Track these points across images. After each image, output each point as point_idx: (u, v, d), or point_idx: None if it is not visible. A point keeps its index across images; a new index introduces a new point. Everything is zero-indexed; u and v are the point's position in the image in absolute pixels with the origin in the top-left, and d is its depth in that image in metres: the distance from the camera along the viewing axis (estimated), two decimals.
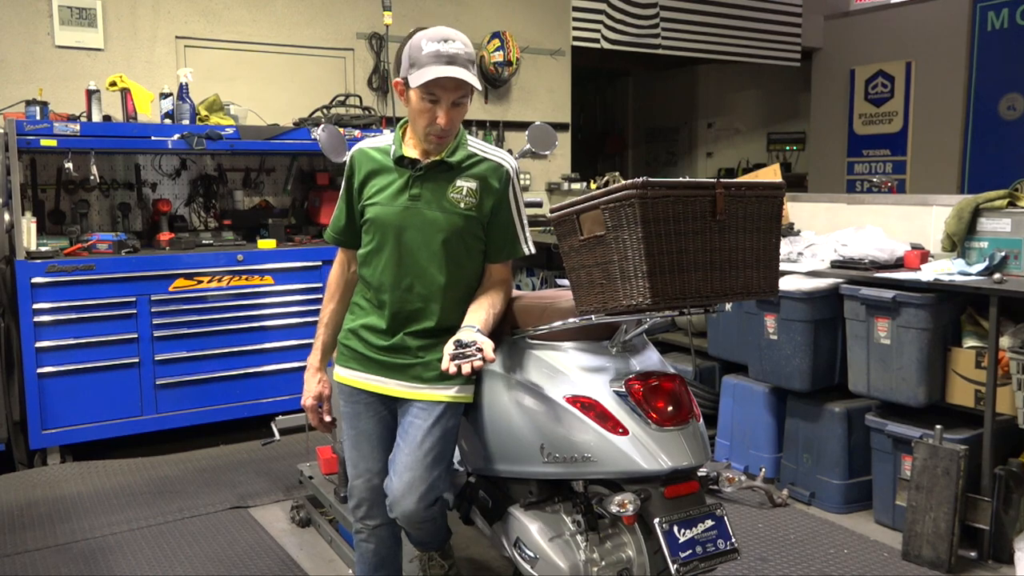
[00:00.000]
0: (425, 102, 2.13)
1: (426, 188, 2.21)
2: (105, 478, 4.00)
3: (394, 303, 2.24)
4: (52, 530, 3.42)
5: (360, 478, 2.33)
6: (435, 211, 2.21)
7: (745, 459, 3.89)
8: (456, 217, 2.21)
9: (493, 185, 2.25)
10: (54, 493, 3.80)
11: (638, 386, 2.01)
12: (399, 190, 2.22)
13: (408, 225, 2.21)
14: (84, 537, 3.36)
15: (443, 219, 2.21)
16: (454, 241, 2.22)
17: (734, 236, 1.90)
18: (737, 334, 3.93)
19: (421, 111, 2.14)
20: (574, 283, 2.02)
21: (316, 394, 2.39)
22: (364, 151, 2.28)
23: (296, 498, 3.58)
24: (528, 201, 2.43)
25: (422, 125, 2.16)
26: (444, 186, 2.22)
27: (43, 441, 4.08)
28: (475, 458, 2.43)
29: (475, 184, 2.23)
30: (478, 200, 2.23)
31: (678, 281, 1.82)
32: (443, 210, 2.21)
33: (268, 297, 4.51)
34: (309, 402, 2.39)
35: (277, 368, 4.52)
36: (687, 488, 2.02)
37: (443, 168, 2.22)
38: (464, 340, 2.00)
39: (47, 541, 3.32)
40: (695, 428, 2.05)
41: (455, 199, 2.22)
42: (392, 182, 2.23)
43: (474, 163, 2.25)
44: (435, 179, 2.22)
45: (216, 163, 5.01)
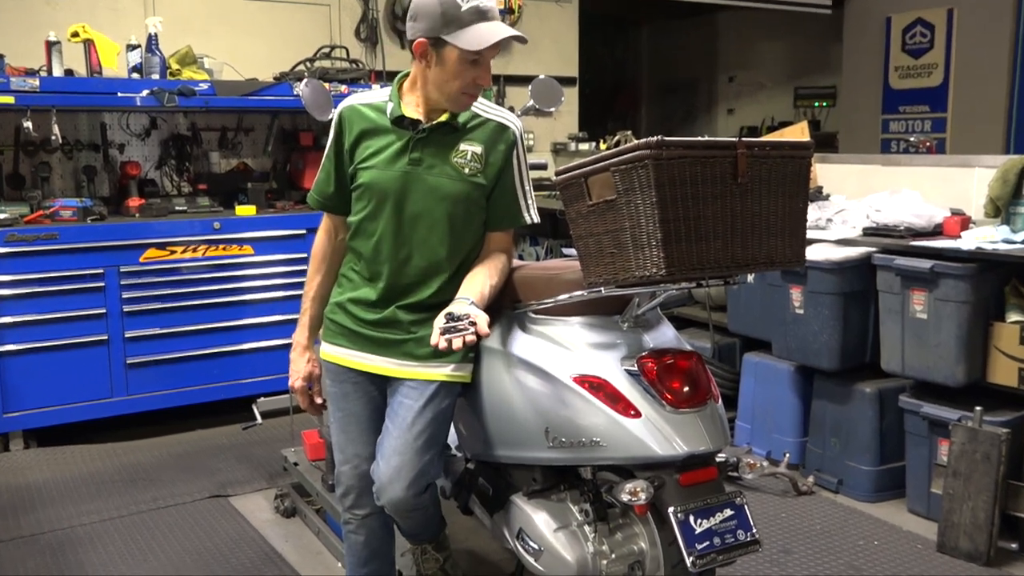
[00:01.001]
0: (466, 64, 2.11)
1: (427, 152, 2.21)
2: (72, 465, 4.03)
3: (389, 276, 2.25)
4: (16, 521, 3.44)
5: (347, 464, 2.34)
6: (437, 177, 2.20)
7: (768, 443, 3.90)
8: (460, 183, 2.21)
9: (499, 148, 2.25)
10: (17, 481, 3.83)
11: (651, 364, 2.02)
12: (397, 153, 2.21)
13: (408, 192, 2.21)
14: (50, 528, 3.38)
15: (446, 185, 2.20)
16: (458, 209, 2.22)
17: (757, 201, 1.89)
18: (760, 308, 3.93)
19: (458, 73, 2.12)
20: (582, 252, 2.01)
21: (306, 374, 2.39)
22: (355, 108, 2.26)
23: (280, 486, 3.60)
24: (532, 163, 2.42)
25: (456, 87, 2.14)
26: (446, 150, 2.21)
27: (4, 425, 4.11)
28: (474, 443, 2.44)
29: (480, 148, 2.23)
30: (483, 165, 2.23)
31: (695, 250, 1.82)
32: (446, 176, 2.20)
33: (248, 269, 4.51)
34: (298, 383, 2.39)
35: (258, 346, 4.54)
36: (704, 475, 2.03)
37: (446, 130, 2.21)
38: (456, 313, 2.00)
39: (10, 533, 3.35)
40: (713, 410, 2.05)
41: (459, 164, 2.21)
42: (389, 144, 2.22)
43: (477, 124, 2.25)
44: (437, 142, 2.21)
45: (189, 122, 4.99)
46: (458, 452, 2.60)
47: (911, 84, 8.09)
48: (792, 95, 9.78)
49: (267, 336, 4.55)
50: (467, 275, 2.24)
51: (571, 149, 6.53)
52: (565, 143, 6.60)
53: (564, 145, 6.60)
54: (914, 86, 8.07)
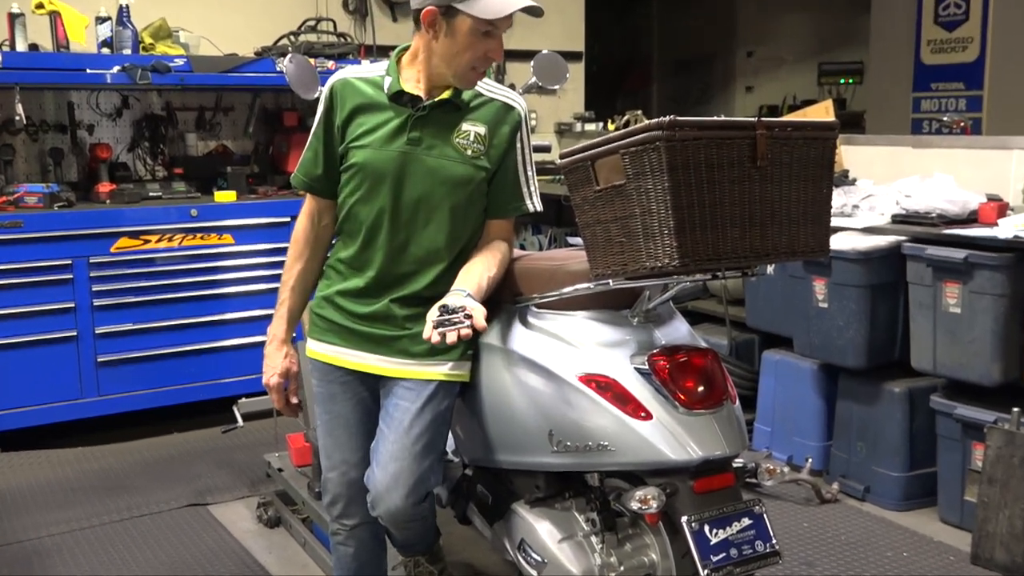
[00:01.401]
0: (479, 35, 2.10)
1: (427, 131, 2.20)
2: (39, 471, 4.03)
3: (383, 265, 2.25)
4: None
5: (335, 470, 2.35)
6: (438, 158, 2.20)
7: (789, 448, 3.91)
8: (462, 166, 2.21)
9: (502, 130, 2.25)
10: None
11: (663, 362, 2.02)
12: (394, 132, 2.20)
13: (405, 174, 2.20)
14: (17, 539, 3.39)
15: (447, 167, 2.20)
16: (459, 194, 2.22)
17: (778, 186, 1.89)
18: (780, 301, 3.93)
19: (469, 45, 2.11)
20: (588, 241, 2.01)
21: (282, 370, 2.39)
22: (348, 82, 2.25)
23: (263, 494, 3.61)
24: (534, 145, 2.42)
25: (466, 60, 2.13)
26: (448, 129, 2.21)
27: None
28: (472, 447, 2.44)
29: (483, 128, 2.23)
30: (486, 147, 2.23)
31: (711, 239, 1.82)
32: (447, 157, 2.21)
33: (228, 259, 4.51)
34: (273, 380, 2.39)
35: (239, 342, 4.55)
36: (720, 481, 2.03)
37: (448, 108, 2.21)
38: (451, 305, 2.00)
39: None
40: (730, 412, 2.05)
41: (461, 145, 2.21)
42: (386, 122, 2.21)
43: (481, 104, 2.25)
44: (437, 121, 2.21)
45: (164, 101, 4.98)
46: (455, 457, 2.60)
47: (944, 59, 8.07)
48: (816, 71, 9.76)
49: (249, 332, 4.55)
50: (464, 266, 2.24)
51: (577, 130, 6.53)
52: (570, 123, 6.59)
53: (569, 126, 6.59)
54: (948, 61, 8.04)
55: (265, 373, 2.40)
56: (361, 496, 2.30)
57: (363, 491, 2.29)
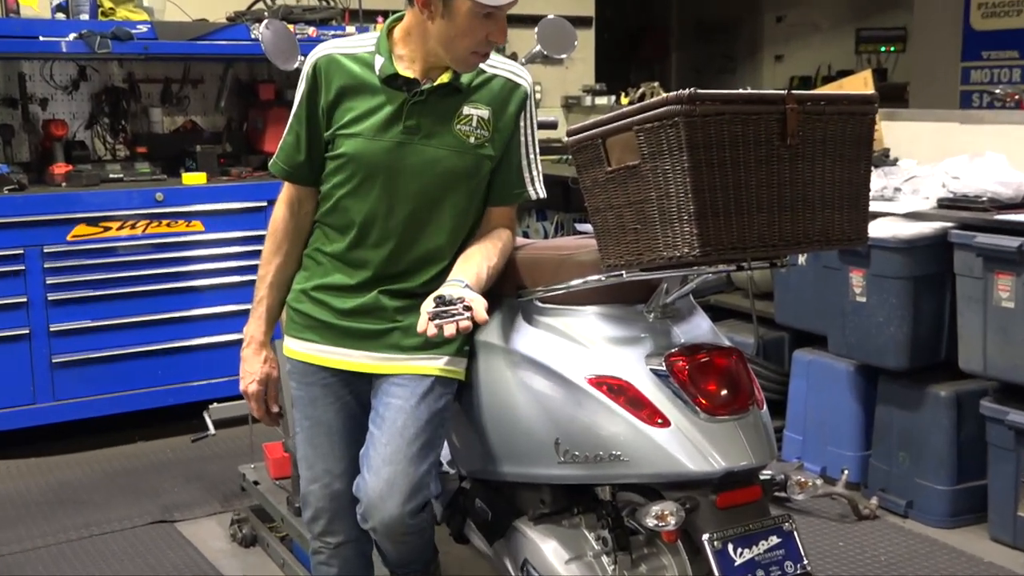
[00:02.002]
0: (478, 17, 2.10)
1: (425, 118, 2.20)
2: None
3: (375, 267, 2.26)
4: None
5: (316, 482, 2.35)
6: (438, 148, 2.21)
7: (822, 458, 3.92)
8: (465, 156, 2.22)
9: (508, 111, 2.26)
10: None
11: (682, 363, 2.03)
12: (389, 119, 2.20)
13: (401, 166, 2.21)
14: None
15: (449, 158, 2.21)
16: (462, 187, 2.23)
17: (810, 166, 1.89)
18: (813, 295, 3.93)
19: (469, 29, 2.11)
20: (599, 228, 2.02)
21: (261, 376, 2.40)
22: (334, 59, 2.24)
23: (237, 509, 3.62)
24: (539, 121, 2.43)
25: (465, 45, 2.13)
26: (448, 115, 2.22)
27: None
28: (469, 457, 2.45)
29: (486, 111, 2.23)
30: (491, 132, 2.24)
31: (736, 225, 1.82)
32: (448, 147, 2.21)
33: (197, 248, 4.52)
34: (252, 387, 2.40)
35: (210, 341, 4.56)
36: (746, 496, 2.04)
37: (447, 91, 2.21)
38: (448, 296, 2.01)
39: None
40: (756, 418, 2.06)
41: (463, 132, 2.22)
42: (378, 107, 2.21)
43: (483, 82, 2.25)
44: (436, 106, 2.21)
45: (126, 72, 4.99)
46: (450, 468, 2.61)
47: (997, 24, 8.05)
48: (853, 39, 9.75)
49: (221, 330, 4.56)
50: (461, 255, 2.24)
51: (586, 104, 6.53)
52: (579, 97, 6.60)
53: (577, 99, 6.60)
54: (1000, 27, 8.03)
55: (242, 379, 2.40)
56: (346, 510, 2.31)
57: (348, 505, 2.30)
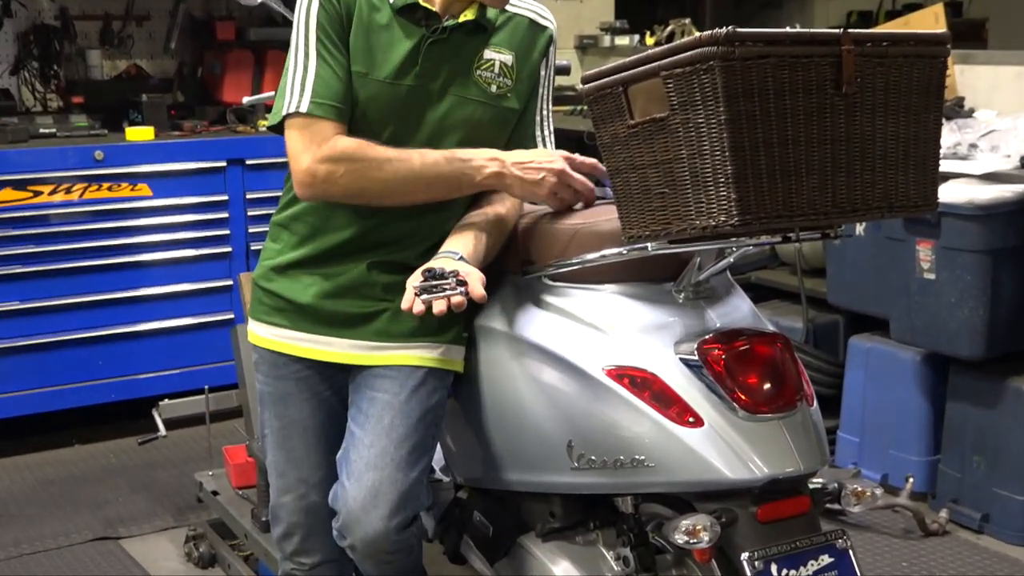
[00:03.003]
0: None
1: (444, 61, 2.21)
2: None
3: (364, 228, 2.26)
4: None
5: (289, 493, 2.37)
6: (456, 96, 2.22)
7: (882, 463, 3.93)
8: (486, 107, 2.24)
9: (532, 57, 2.28)
10: None
11: (718, 351, 2.03)
12: (404, 61, 2.19)
13: (412, 118, 2.22)
14: None
15: (467, 111, 2.23)
16: (473, 145, 2.23)
17: (870, 119, 1.88)
18: (872, 272, 3.94)
19: None
20: (619, 193, 2.02)
21: None
22: None
23: (193, 524, 3.64)
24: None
25: None
26: (469, 59, 2.23)
27: None
28: (467, 463, 2.46)
29: (510, 57, 2.25)
30: (513, 80, 2.26)
31: (781, 189, 1.82)
32: (467, 96, 2.23)
33: (144, 217, 4.53)
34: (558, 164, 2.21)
35: (160, 327, 4.57)
36: (792, 507, 2.05)
37: (469, 30, 2.22)
38: (438, 269, 2.01)
39: None
40: (805, 416, 2.07)
41: (484, 79, 2.23)
42: (390, 45, 2.19)
43: (505, 23, 2.27)
44: (456, 48, 2.22)
45: (58, 7, 4.97)
46: (444, 476, 2.62)
47: None
48: None
49: (173, 312, 4.57)
50: (457, 223, 2.26)
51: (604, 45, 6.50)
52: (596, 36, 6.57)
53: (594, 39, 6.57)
54: None
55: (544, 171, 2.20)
56: (324, 526, 2.33)
57: (327, 519, 2.31)
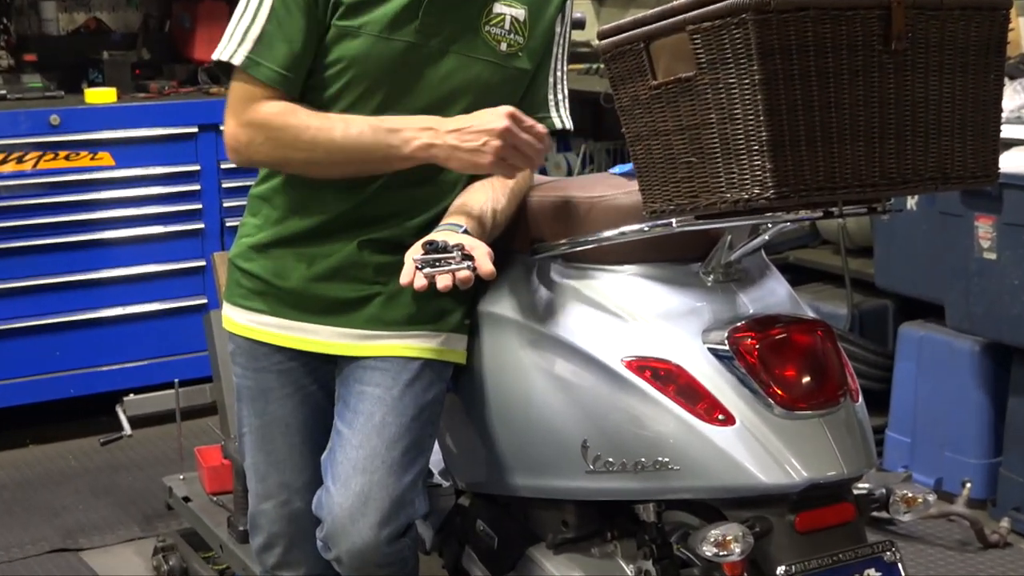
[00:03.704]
0: None
1: (447, 14, 2.22)
2: None
3: (357, 204, 2.27)
4: None
5: (270, 500, 2.38)
6: (460, 55, 2.23)
7: (937, 467, 3.93)
8: (494, 67, 2.25)
9: (546, 13, 2.29)
10: None
11: (752, 341, 2.03)
12: (400, 14, 2.20)
13: (412, 78, 2.22)
14: None
15: (473, 70, 2.23)
16: (486, 107, 2.22)
17: (922, 79, 1.88)
18: (926, 251, 3.93)
19: None
20: (640, 162, 2.02)
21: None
22: None
23: (162, 535, 3.65)
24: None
25: None
26: (474, 14, 2.23)
27: None
28: (469, 466, 2.47)
29: (522, 11, 2.26)
30: (525, 38, 2.26)
31: (823, 158, 1.82)
32: (474, 55, 2.23)
33: (106, 189, 4.53)
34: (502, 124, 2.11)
35: (124, 313, 4.58)
36: (834, 515, 2.05)
37: None
38: (441, 242, 2.01)
39: None
40: (849, 414, 2.07)
41: (492, 36, 2.24)
42: None
43: None
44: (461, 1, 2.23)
45: None
46: (443, 480, 2.63)
47: None
48: None
49: (138, 297, 4.58)
50: (462, 194, 2.26)
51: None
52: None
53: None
54: None
55: (483, 140, 2.12)
56: (307, 536, 2.34)
57: (310, 528, 2.32)
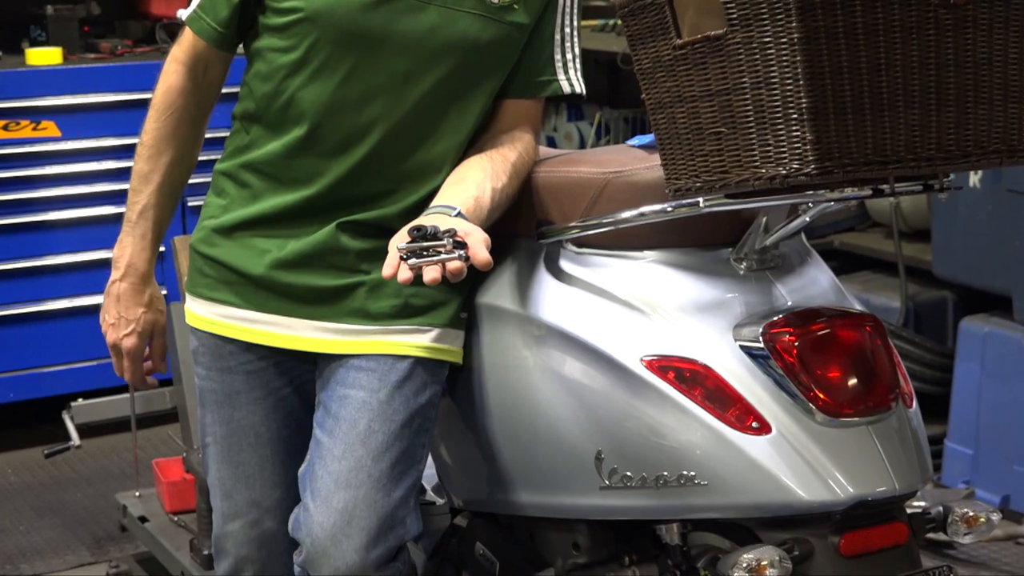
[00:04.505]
0: None
1: None
2: None
3: (334, 181, 2.28)
4: None
5: (238, 519, 2.39)
6: (445, 8, 2.23)
7: (1003, 482, 3.93)
8: (485, 23, 2.24)
9: None
10: None
11: (790, 337, 2.04)
12: None
13: (387, 36, 2.22)
14: None
15: (460, 27, 2.23)
16: (476, 70, 2.25)
17: (986, 37, 1.88)
18: (990, 235, 3.93)
19: None
20: (663, 133, 2.03)
21: (144, 325, 2.45)
22: None
23: (114, 560, 3.65)
24: None
25: None
26: None
27: None
28: (467, 481, 2.48)
29: None
30: None
31: (871, 128, 1.82)
32: (460, 8, 2.23)
33: (50, 164, 4.56)
34: (129, 342, 2.44)
35: (71, 305, 4.60)
36: (884, 537, 2.05)
37: None
38: (430, 228, 2.01)
39: None
40: (902, 421, 2.08)
41: None
42: None
43: None
44: None
45: None
46: (438, 497, 2.64)
47: None
48: None
49: (87, 287, 4.57)
50: (457, 168, 2.26)
51: None
52: None
53: None
54: None
55: (112, 328, 2.45)
56: (281, 561, 2.35)
57: (285, 552, 2.34)
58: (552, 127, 6.06)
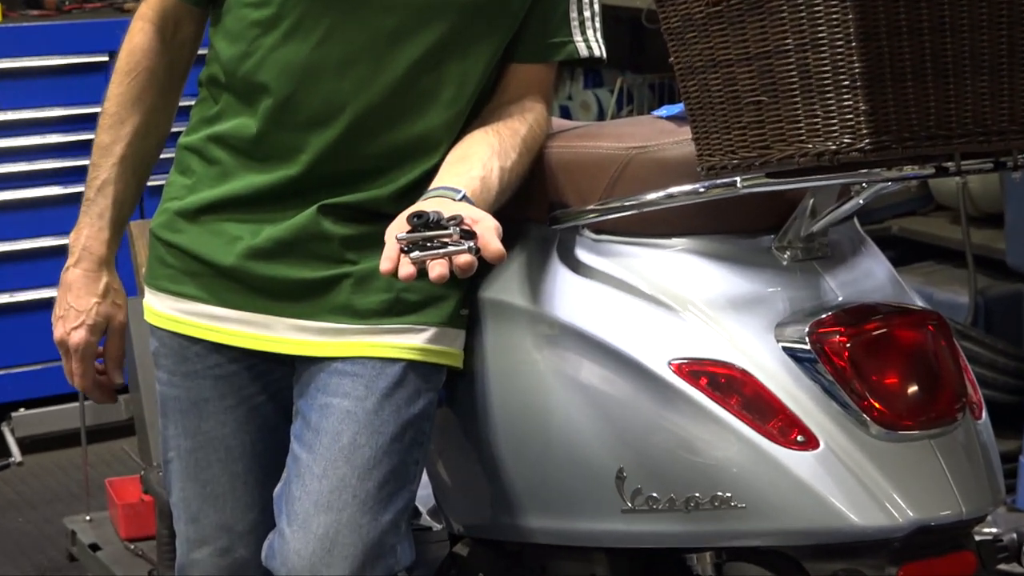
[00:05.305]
0: None
1: None
2: None
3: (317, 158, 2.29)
4: None
5: (205, 546, 2.41)
6: None
7: None
8: None
9: None
10: None
11: (841, 338, 2.04)
12: None
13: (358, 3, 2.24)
14: None
15: None
16: (470, 32, 2.26)
17: None
18: None
19: None
20: (695, 103, 2.04)
21: (95, 318, 2.45)
22: None
23: None
24: None
25: None
26: None
27: None
28: (467, 503, 2.50)
29: None
30: None
31: (934, 97, 1.83)
32: None
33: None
34: (78, 336, 2.44)
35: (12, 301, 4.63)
36: (949, 567, 2.06)
37: None
38: (433, 215, 2.01)
39: None
40: (970, 435, 2.08)
41: None
42: None
43: None
44: None
45: None
46: (434, 521, 2.65)
47: None
48: None
49: (31, 280, 4.61)
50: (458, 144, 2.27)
51: None
52: None
53: None
54: None
55: (61, 321, 2.45)
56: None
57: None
58: (567, 95, 6.06)
